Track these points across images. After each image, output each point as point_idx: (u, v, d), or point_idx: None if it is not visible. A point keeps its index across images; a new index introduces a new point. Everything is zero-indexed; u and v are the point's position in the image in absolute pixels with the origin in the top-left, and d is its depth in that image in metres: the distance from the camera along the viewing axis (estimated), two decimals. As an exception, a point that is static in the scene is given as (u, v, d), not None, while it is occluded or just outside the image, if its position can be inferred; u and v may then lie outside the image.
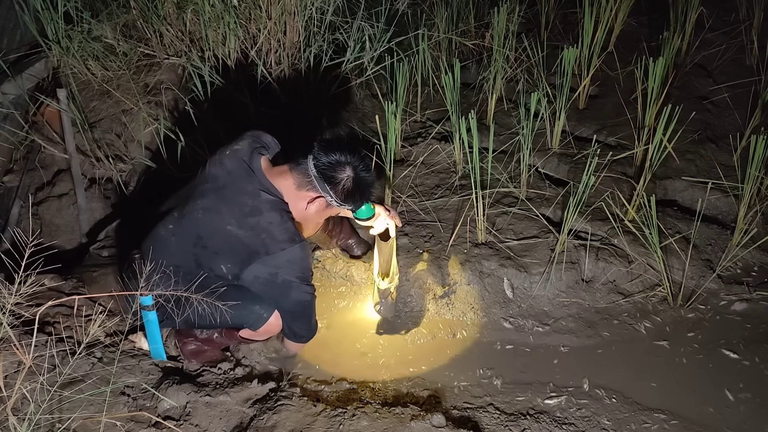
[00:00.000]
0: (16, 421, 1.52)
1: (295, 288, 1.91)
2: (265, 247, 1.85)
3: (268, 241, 1.85)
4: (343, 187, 1.86)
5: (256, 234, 1.85)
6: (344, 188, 1.87)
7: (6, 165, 2.86)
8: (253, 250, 1.86)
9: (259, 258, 1.86)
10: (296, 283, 1.91)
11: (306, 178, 1.87)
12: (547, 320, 2.41)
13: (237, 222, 1.86)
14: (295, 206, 1.92)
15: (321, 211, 1.96)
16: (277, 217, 1.86)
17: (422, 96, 3.29)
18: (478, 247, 2.54)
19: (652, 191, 2.72)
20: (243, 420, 1.94)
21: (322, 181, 1.85)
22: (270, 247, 1.85)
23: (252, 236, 1.85)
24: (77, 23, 2.89)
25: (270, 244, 1.85)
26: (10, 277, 1.60)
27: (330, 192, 1.86)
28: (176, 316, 1.89)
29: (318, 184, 1.86)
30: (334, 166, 1.85)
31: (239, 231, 1.86)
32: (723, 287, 2.50)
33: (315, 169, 1.85)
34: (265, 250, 1.85)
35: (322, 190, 1.86)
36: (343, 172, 1.85)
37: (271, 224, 1.85)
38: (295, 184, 1.89)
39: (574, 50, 2.82)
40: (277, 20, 2.96)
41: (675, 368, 2.23)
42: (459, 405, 2.10)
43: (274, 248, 1.85)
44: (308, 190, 1.88)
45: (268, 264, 1.87)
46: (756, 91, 3.24)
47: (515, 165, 2.84)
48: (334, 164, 1.85)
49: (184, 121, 2.89)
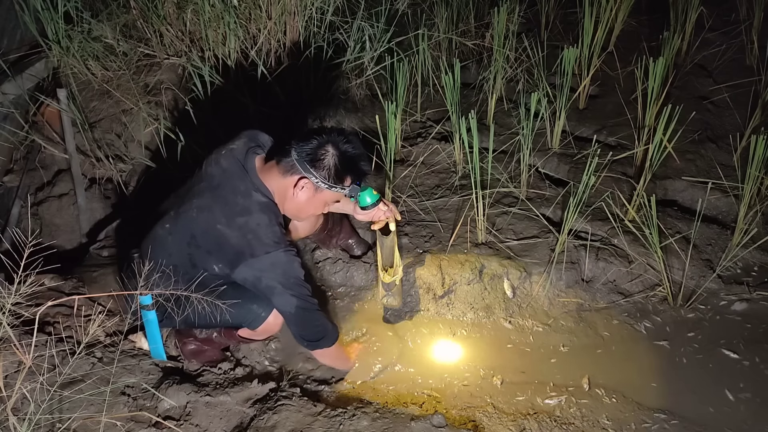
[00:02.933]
0: (16, 421, 1.52)
1: (277, 295, 1.89)
2: (251, 249, 1.83)
3: (254, 242, 1.83)
4: (325, 164, 1.82)
5: (243, 234, 1.83)
6: (326, 165, 1.82)
7: (6, 165, 2.86)
8: (239, 250, 1.84)
9: (245, 260, 1.84)
10: (279, 290, 1.88)
11: (289, 164, 1.83)
12: (547, 320, 2.41)
13: (227, 221, 1.84)
14: (285, 196, 1.88)
15: (312, 198, 1.89)
16: (266, 219, 1.84)
17: (422, 96, 3.29)
18: (478, 247, 2.54)
19: (652, 191, 2.72)
20: (243, 420, 1.94)
21: (304, 162, 1.81)
22: (255, 249, 1.83)
23: (239, 236, 1.84)
24: (77, 23, 2.89)
25: (255, 246, 1.83)
26: (10, 277, 1.59)
27: (313, 172, 1.82)
28: (176, 316, 1.89)
29: (300, 166, 1.82)
30: (315, 148, 1.82)
31: (227, 230, 1.84)
32: (723, 287, 2.50)
33: (296, 154, 1.82)
34: (251, 252, 1.83)
35: (305, 171, 1.82)
36: (324, 150, 1.81)
37: (259, 226, 1.83)
38: (281, 173, 1.85)
39: (574, 50, 2.82)
40: (277, 20, 2.96)
41: (675, 368, 2.23)
42: (459, 405, 2.10)
43: (258, 250, 1.83)
44: (292, 174, 1.84)
45: (253, 267, 1.85)
46: (756, 91, 3.24)
47: (515, 165, 2.84)
48: (315, 146, 1.82)
49: (184, 121, 2.89)
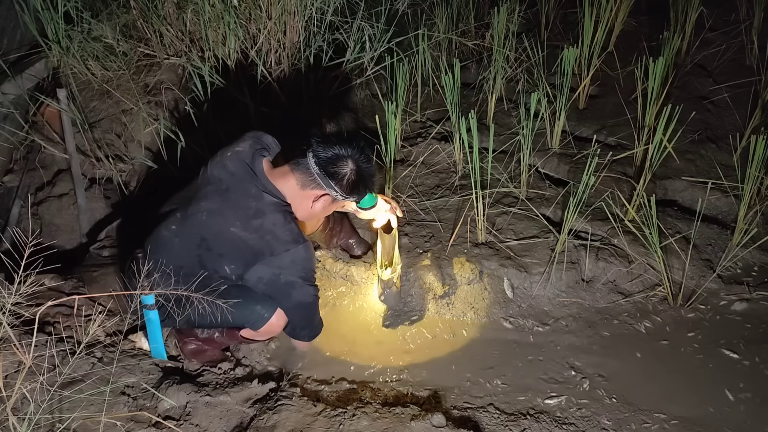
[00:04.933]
0: (16, 421, 1.52)
1: (298, 288, 1.93)
2: (270, 249, 1.86)
3: (272, 242, 1.86)
4: (347, 181, 1.87)
5: (260, 236, 1.86)
6: (348, 182, 1.87)
7: (6, 165, 2.86)
8: (258, 251, 1.87)
9: (264, 259, 1.87)
10: (299, 283, 1.92)
11: (309, 177, 1.87)
12: (547, 320, 2.41)
13: (242, 224, 1.87)
14: (300, 206, 1.93)
15: (327, 207, 1.97)
16: (281, 219, 1.87)
17: (422, 96, 3.29)
18: (478, 247, 2.54)
19: (652, 191, 2.72)
20: (243, 420, 1.94)
21: (326, 177, 1.86)
22: (275, 249, 1.86)
23: (257, 238, 1.86)
24: (77, 23, 2.89)
25: (275, 245, 1.86)
26: (10, 277, 1.60)
27: (335, 187, 1.87)
28: (177, 316, 1.90)
29: (322, 180, 1.86)
30: (335, 160, 1.85)
31: (244, 233, 1.86)
32: (723, 287, 2.50)
33: (317, 167, 1.85)
34: (270, 251, 1.86)
35: (327, 186, 1.87)
36: (345, 166, 1.86)
37: (275, 226, 1.86)
38: (298, 184, 1.89)
39: (574, 50, 2.82)
40: (277, 20, 2.96)
41: (675, 368, 2.23)
42: (459, 405, 2.10)
43: (278, 249, 1.86)
44: (313, 188, 1.89)
45: (272, 265, 1.88)
46: (756, 91, 3.23)
47: (515, 165, 2.84)
48: (335, 159, 1.85)
49: (184, 121, 2.89)
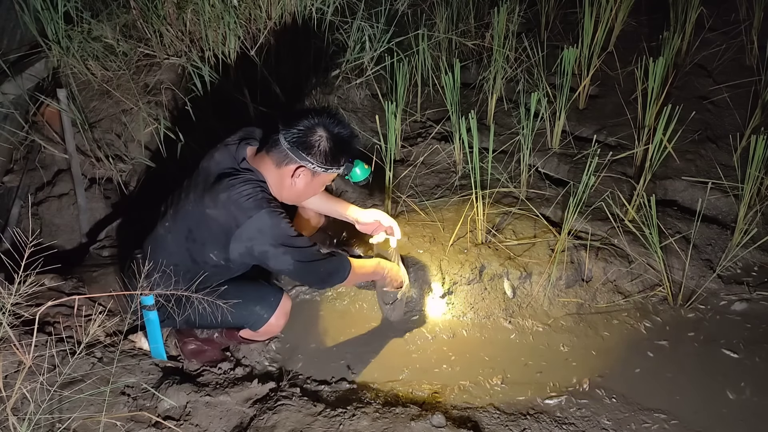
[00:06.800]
0: (16, 421, 1.52)
1: (271, 257, 1.85)
2: (235, 220, 1.80)
3: (236, 212, 1.80)
4: (320, 149, 1.81)
5: (226, 209, 1.81)
6: (321, 150, 1.81)
7: (6, 165, 2.86)
8: (227, 227, 1.82)
9: (233, 234, 1.82)
10: (271, 252, 1.84)
11: (281, 153, 1.83)
12: (547, 320, 2.41)
13: (212, 202, 1.82)
14: (282, 186, 1.88)
15: (311, 183, 1.90)
16: (249, 189, 1.81)
17: (422, 96, 3.29)
18: (478, 247, 2.54)
19: (652, 191, 2.72)
20: (243, 420, 1.94)
21: (297, 150, 1.81)
22: (239, 219, 1.80)
23: (224, 213, 1.81)
24: (77, 23, 2.89)
25: (238, 214, 1.80)
26: (10, 277, 1.60)
27: (308, 159, 1.81)
28: (177, 316, 1.89)
29: (294, 154, 1.81)
30: (305, 131, 1.81)
31: (214, 211, 1.82)
32: (723, 287, 2.50)
33: (286, 141, 1.81)
34: (236, 223, 1.80)
35: (300, 159, 1.82)
36: (314, 134, 1.81)
37: (240, 195, 1.80)
38: (274, 163, 1.85)
39: (574, 50, 2.82)
40: (277, 20, 2.96)
41: (675, 368, 2.23)
42: (459, 405, 2.10)
43: (242, 219, 1.80)
44: (287, 164, 1.84)
45: (241, 238, 1.82)
46: (756, 91, 3.23)
47: (515, 165, 2.84)
48: (304, 130, 1.81)
49: (184, 121, 2.89)
